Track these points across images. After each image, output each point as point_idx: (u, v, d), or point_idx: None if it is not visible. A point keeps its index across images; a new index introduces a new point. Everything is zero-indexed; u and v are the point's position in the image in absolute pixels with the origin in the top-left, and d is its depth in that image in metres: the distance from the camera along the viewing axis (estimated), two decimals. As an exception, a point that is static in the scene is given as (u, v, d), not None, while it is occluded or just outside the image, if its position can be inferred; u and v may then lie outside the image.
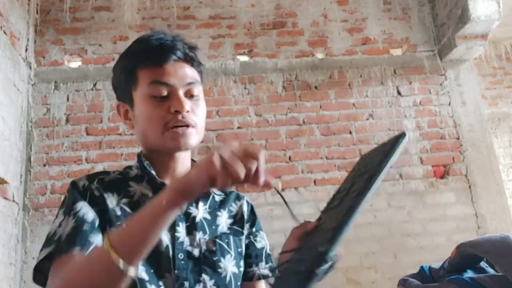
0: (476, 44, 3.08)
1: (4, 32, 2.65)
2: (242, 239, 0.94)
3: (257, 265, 0.96)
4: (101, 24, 3.22)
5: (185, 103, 0.85)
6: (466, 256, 1.02)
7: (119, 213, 0.84)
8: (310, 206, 2.89)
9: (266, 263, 0.97)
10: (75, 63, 3.15)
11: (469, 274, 1.01)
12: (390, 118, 3.14)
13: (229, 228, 0.93)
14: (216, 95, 3.11)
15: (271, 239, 1.02)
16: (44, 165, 2.89)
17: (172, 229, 0.85)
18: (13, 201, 2.65)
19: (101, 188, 0.86)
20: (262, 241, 0.99)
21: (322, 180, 2.99)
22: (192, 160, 0.98)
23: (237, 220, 0.96)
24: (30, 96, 3.00)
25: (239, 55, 3.24)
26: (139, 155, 0.95)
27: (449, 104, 3.20)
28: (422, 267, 1.15)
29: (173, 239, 0.84)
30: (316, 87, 3.19)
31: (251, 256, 0.95)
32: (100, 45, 3.18)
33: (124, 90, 0.91)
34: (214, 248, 0.86)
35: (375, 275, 2.82)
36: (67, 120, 3.00)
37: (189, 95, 0.88)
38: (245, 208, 0.99)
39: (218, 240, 0.88)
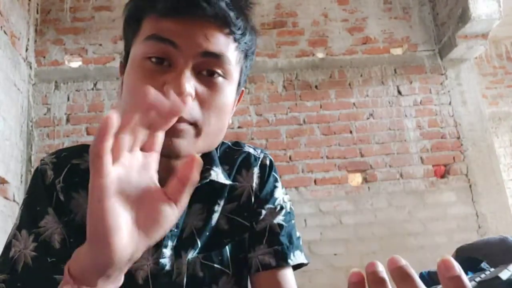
0: (477, 43, 3.07)
1: (5, 32, 2.65)
2: (247, 237, 0.65)
3: (254, 249, 0.65)
4: (101, 24, 3.21)
5: (187, 81, 0.52)
6: (466, 259, 1.02)
7: None
8: (310, 206, 2.90)
9: (269, 245, 0.64)
10: (76, 63, 3.15)
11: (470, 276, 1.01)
12: (390, 118, 3.14)
13: (229, 221, 0.64)
14: (217, 95, 3.11)
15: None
16: (45, 165, 2.89)
17: (157, 251, 0.59)
18: (14, 201, 2.65)
19: (69, 188, 0.62)
20: (266, 219, 0.66)
21: (323, 180, 2.99)
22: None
23: (242, 203, 0.66)
24: (30, 96, 3.00)
25: (239, 55, 3.23)
26: None
27: (450, 103, 3.20)
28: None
29: (157, 266, 0.59)
30: (316, 87, 3.18)
31: (248, 240, 0.66)
32: (100, 45, 3.17)
33: (125, 43, 0.62)
34: (201, 274, 0.61)
35: (376, 275, 2.82)
36: (68, 120, 3.00)
37: (206, 72, 0.55)
38: (255, 177, 0.67)
39: (205, 262, 0.62)
